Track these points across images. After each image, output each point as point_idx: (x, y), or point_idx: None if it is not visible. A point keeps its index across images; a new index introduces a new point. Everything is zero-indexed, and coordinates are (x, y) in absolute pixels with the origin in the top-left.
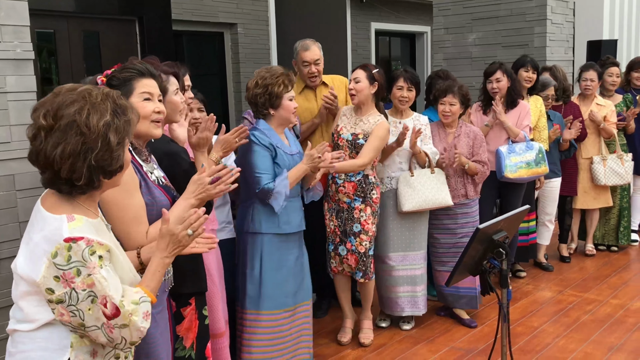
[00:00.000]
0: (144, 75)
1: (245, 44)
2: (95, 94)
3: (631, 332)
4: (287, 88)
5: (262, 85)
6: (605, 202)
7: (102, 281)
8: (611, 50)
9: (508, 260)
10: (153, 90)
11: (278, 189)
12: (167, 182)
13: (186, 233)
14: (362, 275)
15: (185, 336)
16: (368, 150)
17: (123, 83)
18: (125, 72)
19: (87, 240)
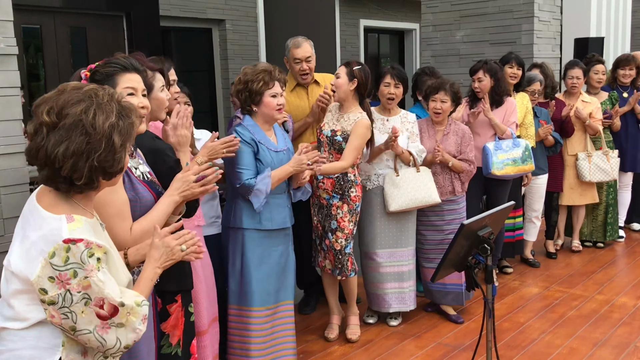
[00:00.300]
0: (127, 70)
1: (233, 40)
2: (101, 94)
3: (616, 328)
4: (267, 85)
5: (243, 82)
6: (591, 199)
7: (98, 284)
8: (598, 48)
9: (494, 256)
10: (137, 85)
11: (259, 187)
12: (152, 177)
13: (180, 248)
14: (339, 272)
15: (172, 333)
16: (349, 151)
17: (106, 78)
18: (109, 67)
19: (87, 242)
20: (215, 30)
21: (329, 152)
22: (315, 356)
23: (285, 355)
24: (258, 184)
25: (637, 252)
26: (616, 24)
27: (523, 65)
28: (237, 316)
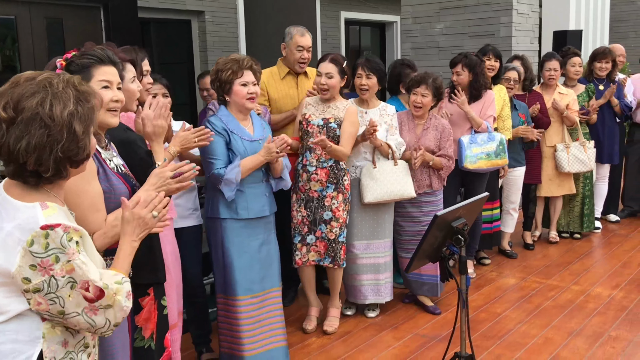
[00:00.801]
0: (103, 63)
1: (213, 32)
2: (55, 82)
3: (590, 317)
4: (235, 74)
5: (215, 72)
6: (568, 190)
7: (82, 266)
8: (576, 41)
9: (472, 247)
10: (112, 78)
11: (228, 176)
12: (126, 170)
13: (152, 215)
14: (331, 260)
15: (144, 326)
16: (347, 138)
17: (82, 69)
18: (85, 59)
19: (64, 226)
20: (195, 22)
21: None
22: (293, 348)
23: (276, 342)
24: (227, 174)
25: (613, 243)
26: (595, 17)
27: (500, 57)
28: (224, 305)
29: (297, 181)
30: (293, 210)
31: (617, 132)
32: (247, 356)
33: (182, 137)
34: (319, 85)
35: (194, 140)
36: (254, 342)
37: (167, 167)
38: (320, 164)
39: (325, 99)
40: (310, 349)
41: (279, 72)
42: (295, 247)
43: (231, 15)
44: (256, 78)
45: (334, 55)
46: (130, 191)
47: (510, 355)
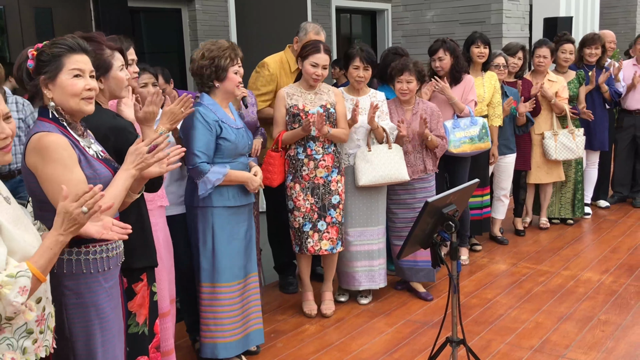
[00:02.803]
0: (74, 51)
1: (203, 20)
2: None
3: (580, 302)
4: (232, 61)
5: (209, 58)
6: (557, 177)
7: None
8: (567, 27)
9: (464, 235)
10: (84, 67)
11: (209, 176)
12: (106, 155)
13: (80, 211)
14: (342, 244)
15: (138, 312)
16: (344, 119)
17: (53, 59)
18: (55, 48)
19: None
20: (185, 11)
21: None
22: (287, 335)
23: (254, 325)
24: (210, 174)
25: (603, 229)
26: (585, 4)
27: (489, 44)
28: (210, 294)
29: (299, 170)
30: (298, 200)
31: (607, 118)
32: (229, 342)
33: (169, 112)
34: (313, 76)
35: (181, 111)
36: (236, 328)
37: (141, 142)
38: (326, 150)
39: (312, 86)
40: (303, 336)
41: (290, 64)
42: (307, 235)
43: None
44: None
45: (326, 45)
46: (113, 174)
47: (501, 340)
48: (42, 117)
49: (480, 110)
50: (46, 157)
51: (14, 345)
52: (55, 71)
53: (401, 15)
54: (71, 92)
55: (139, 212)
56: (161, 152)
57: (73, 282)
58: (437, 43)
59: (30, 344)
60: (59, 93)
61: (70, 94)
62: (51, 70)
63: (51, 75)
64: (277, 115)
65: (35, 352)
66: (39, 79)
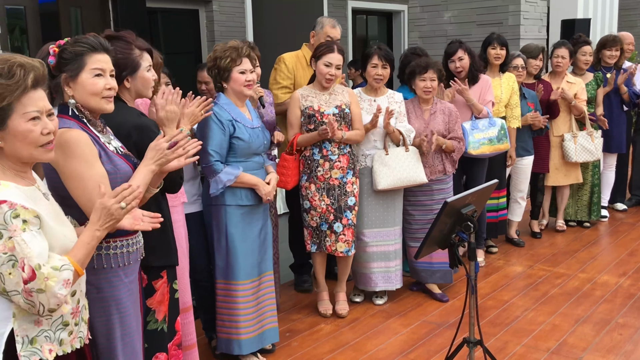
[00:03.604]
0: (96, 50)
1: (220, 21)
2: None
3: (597, 305)
4: (234, 62)
5: (212, 59)
6: (575, 179)
7: (21, 244)
8: (584, 29)
9: (480, 236)
10: (105, 66)
11: (222, 176)
12: (125, 150)
13: (119, 206)
14: (355, 246)
15: (158, 309)
16: (359, 120)
17: (75, 57)
18: (78, 47)
19: (10, 203)
20: (202, 12)
21: (339, 129)
22: (302, 334)
23: (269, 323)
24: (222, 174)
25: (620, 232)
26: (603, 6)
27: (506, 45)
28: (225, 290)
29: (314, 171)
30: (314, 200)
31: (625, 120)
32: (244, 339)
33: (190, 113)
34: (326, 75)
35: (201, 113)
36: (251, 326)
37: (162, 139)
38: (341, 151)
39: (326, 87)
40: (318, 335)
41: (306, 58)
42: (324, 234)
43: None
44: (253, 65)
45: (339, 45)
46: (133, 170)
47: (518, 341)
48: (62, 114)
49: (497, 111)
50: (68, 153)
51: (51, 337)
52: (76, 70)
53: (418, 16)
54: (92, 91)
55: (159, 210)
56: (180, 148)
57: (94, 276)
58: (455, 44)
59: (67, 335)
60: (80, 91)
61: (90, 93)
62: (73, 69)
63: (73, 73)
64: (291, 117)
65: (71, 343)
66: (61, 76)
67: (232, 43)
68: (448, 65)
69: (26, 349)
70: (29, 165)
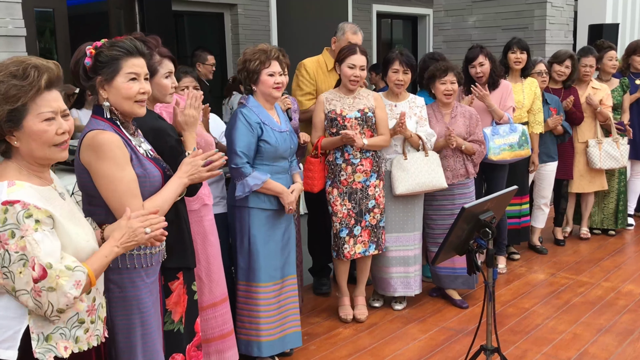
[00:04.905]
0: (132, 55)
1: (245, 24)
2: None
3: (621, 315)
4: (263, 64)
5: (242, 62)
6: (600, 186)
7: (32, 243)
8: (612, 35)
9: (501, 243)
10: (140, 70)
11: (249, 180)
12: (155, 154)
13: (143, 231)
14: (376, 247)
15: (174, 310)
16: (385, 125)
17: (111, 61)
18: (114, 50)
19: (24, 203)
20: (227, 15)
21: (361, 132)
22: (320, 338)
23: (292, 327)
24: (249, 178)
25: None
26: (633, 10)
27: (527, 50)
28: (246, 292)
29: (337, 175)
30: (336, 204)
31: None
32: (264, 342)
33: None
34: (351, 77)
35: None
36: (272, 329)
37: (198, 155)
38: (364, 155)
39: (350, 90)
40: (336, 339)
41: (327, 64)
42: (343, 241)
43: (263, 8)
44: (282, 68)
45: (362, 47)
46: (162, 174)
47: (538, 350)
48: (97, 115)
49: (519, 117)
50: (100, 155)
51: (66, 335)
52: (112, 74)
53: (442, 20)
54: (126, 95)
55: (175, 213)
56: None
57: (117, 276)
58: (476, 49)
59: (82, 333)
60: (114, 95)
61: (124, 97)
62: (108, 73)
63: (108, 77)
64: (316, 120)
65: (87, 340)
66: (96, 79)
67: (262, 46)
68: (469, 70)
69: (41, 346)
70: (46, 165)
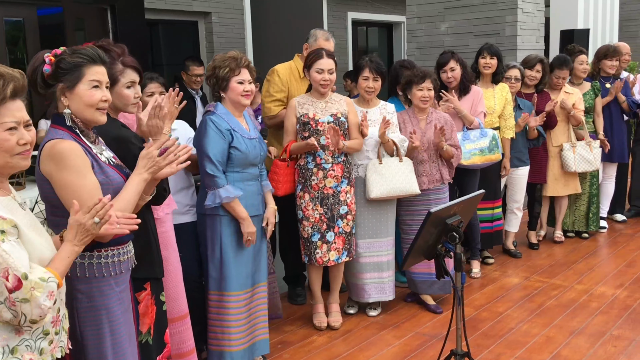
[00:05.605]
0: (94, 62)
1: (220, 33)
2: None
3: (593, 317)
4: (233, 72)
5: (212, 69)
6: (574, 189)
7: (3, 254)
8: (584, 40)
9: (476, 248)
10: (102, 78)
11: (221, 192)
12: (117, 161)
13: (93, 222)
14: (347, 254)
15: (142, 321)
16: (357, 129)
17: (74, 68)
18: (77, 57)
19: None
20: (202, 23)
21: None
22: (294, 346)
23: (260, 335)
24: (222, 190)
25: (619, 243)
26: (604, 16)
27: (498, 55)
28: (218, 301)
29: (309, 180)
30: (307, 209)
31: (625, 130)
32: (235, 351)
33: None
34: (321, 82)
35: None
36: (242, 338)
37: (152, 146)
38: (335, 160)
39: (322, 94)
40: (311, 347)
41: (299, 70)
42: (315, 246)
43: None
44: (252, 77)
45: (328, 50)
46: (125, 180)
47: (511, 354)
48: (56, 124)
49: (491, 122)
50: (61, 164)
51: (32, 347)
52: (74, 80)
53: (416, 27)
54: (88, 102)
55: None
56: (171, 154)
57: (85, 285)
58: (447, 55)
59: (47, 344)
60: (76, 102)
61: (87, 104)
62: (71, 79)
63: (70, 84)
64: (287, 124)
65: (51, 352)
66: (57, 86)
67: (232, 53)
68: (440, 76)
69: (7, 359)
70: (5, 175)
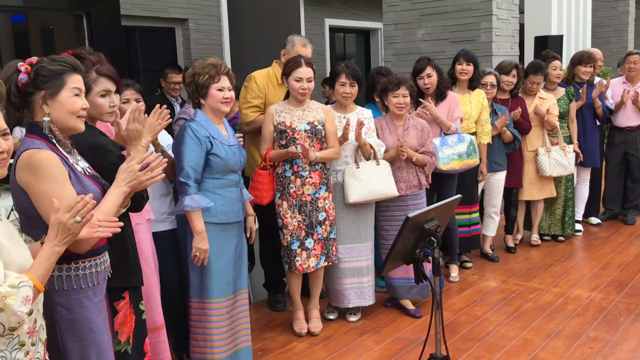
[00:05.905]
0: (75, 71)
1: (197, 39)
2: None
3: (570, 319)
4: (213, 79)
5: (191, 75)
6: (549, 193)
7: None
8: (557, 46)
9: (454, 252)
10: (81, 86)
11: (185, 200)
12: (92, 171)
13: (74, 221)
14: (326, 258)
15: (120, 330)
16: (335, 137)
17: (55, 75)
18: (58, 65)
19: None
20: (179, 30)
21: (311, 145)
22: (274, 353)
23: (243, 342)
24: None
25: (594, 246)
26: (577, 23)
27: (474, 62)
28: (199, 309)
29: (287, 188)
30: (286, 217)
31: (598, 135)
32: (217, 359)
33: (148, 125)
34: (299, 90)
35: (158, 123)
36: (225, 345)
37: (133, 160)
38: (312, 167)
39: (300, 102)
40: (291, 354)
41: (277, 77)
42: (294, 253)
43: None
44: (231, 84)
45: (307, 59)
46: (102, 191)
47: (489, 357)
48: (31, 134)
49: (467, 127)
50: (38, 174)
51: (7, 357)
52: (57, 88)
53: (392, 33)
54: (71, 109)
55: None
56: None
57: (64, 298)
58: (423, 61)
59: (23, 355)
60: (57, 110)
61: (69, 112)
62: (53, 87)
63: (53, 91)
64: (265, 132)
65: None
66: (38, 94)
67: (211, 60)
68: (417, 82)
69: None
70: None
